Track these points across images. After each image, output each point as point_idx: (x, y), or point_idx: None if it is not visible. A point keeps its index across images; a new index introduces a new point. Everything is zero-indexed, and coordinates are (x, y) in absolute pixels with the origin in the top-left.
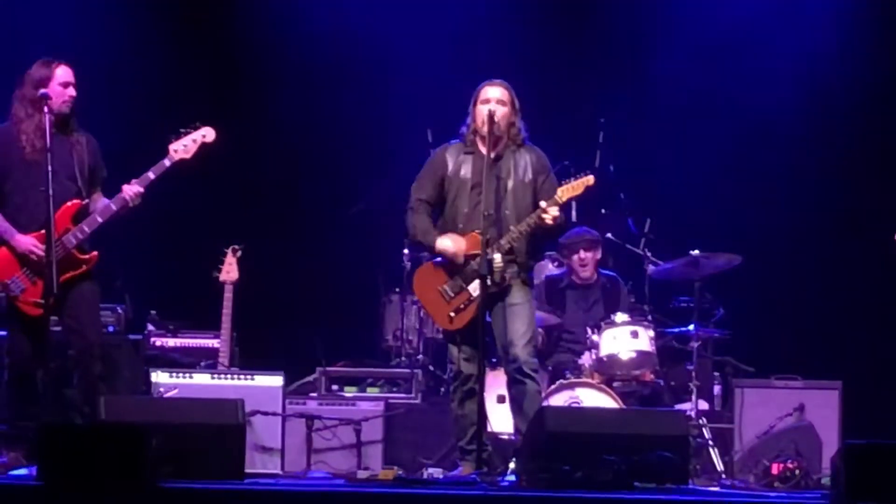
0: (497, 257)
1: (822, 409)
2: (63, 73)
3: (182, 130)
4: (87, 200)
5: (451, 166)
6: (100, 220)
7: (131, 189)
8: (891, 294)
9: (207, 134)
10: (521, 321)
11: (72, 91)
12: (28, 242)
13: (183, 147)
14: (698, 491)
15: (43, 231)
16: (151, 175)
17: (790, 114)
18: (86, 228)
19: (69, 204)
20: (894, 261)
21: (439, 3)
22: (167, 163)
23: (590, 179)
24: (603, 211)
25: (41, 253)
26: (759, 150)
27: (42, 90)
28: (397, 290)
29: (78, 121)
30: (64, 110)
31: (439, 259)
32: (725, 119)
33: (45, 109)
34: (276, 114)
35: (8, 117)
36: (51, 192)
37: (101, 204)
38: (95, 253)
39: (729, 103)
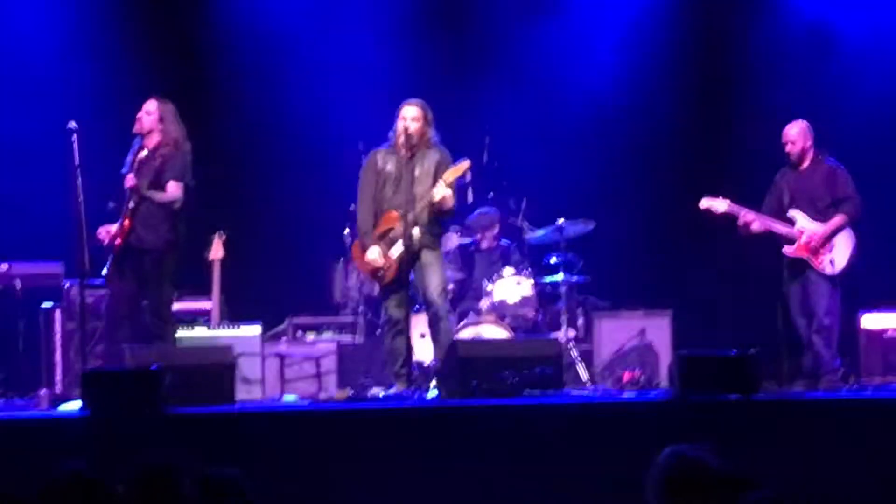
0: (416, 231)
1: (658, 331)
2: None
3: None
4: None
5: (380, 164)
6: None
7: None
8: (710, 243)
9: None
10: (434, 276)
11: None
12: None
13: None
14: (571, 395)
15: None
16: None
17: (620, 97)
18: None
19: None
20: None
21: (362, 39)
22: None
23: (466, 163)
24: (490, 194)
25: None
26: (600, 133)
27: None
28: (341, 258)
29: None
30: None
31: None
32: (575, 107)
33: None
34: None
35: None
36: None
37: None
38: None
39: (578, 96)
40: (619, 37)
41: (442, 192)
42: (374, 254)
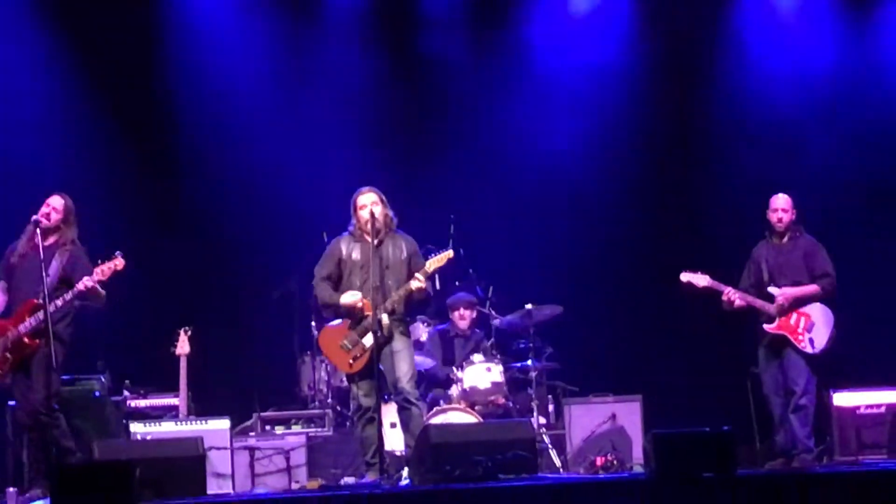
0: (384, 317)
1: (629, 416)
2: (49, 199)
3: (102, 261)
4: (40, 301)
5: (344, 252)
6: (59, 303)
7: (81, 284)
8: (676, 325)
9: (119, 264)
10: (404, 363)
11: (47, 209)
12: None
13: (101, 271)
14: (547, 477)
15: (10, 319)
16: (87, 283)
17: (584, 181)
18: (32, 322)
19: (29, 301)
20: (681, 297)
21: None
22: (89, 283)
23: (450, 253)
24: (457, 283)
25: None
26: (566, 216)
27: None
28: (308, 352)
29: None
30: (41, 221)
31: (337, 322)
32: (539, 191)
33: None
34: (211, 223)
35: None
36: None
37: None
38: (38, 341)
39: (542, 179)
40: (583, 111)
41: (421, 284)
42: (349, 297)
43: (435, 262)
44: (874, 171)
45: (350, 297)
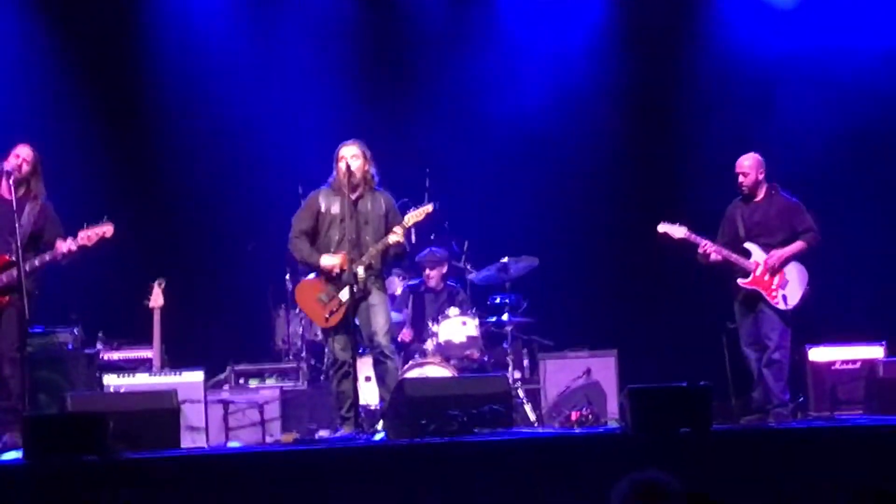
0: (360, 270)
1: (605, 370)
2: (17, 148)
3: (89, 224)
4: (12, 257)
5: (322, 206)
6: (37, 263)
7: (63, 246)
8: (652, 280)
9: (108, 230)
10: (380, 316)
11: (18, 161)
12: None
13: (86, 236)
14: (522, 432)
15: None
16: (72, 246)
17: (560, 129)
18: (3, 278)
19: (1, 257)
20: (657, 251)
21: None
22: (73, 246)
23: (429, 208)
24: (432, 237)
25: None
26: (542, 167)
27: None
28: (282, 305)
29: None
30: (11, 171)
31: (313, 276)
32: (515, 142)
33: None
34: (185, 174)
35: None
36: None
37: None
38: (7, 298)
39: (518, 130)
40: (556, 64)
41: (399, 237)
42: (328, 259)
43: (414, 216)
44: (850, 126)
45: (329, 260)
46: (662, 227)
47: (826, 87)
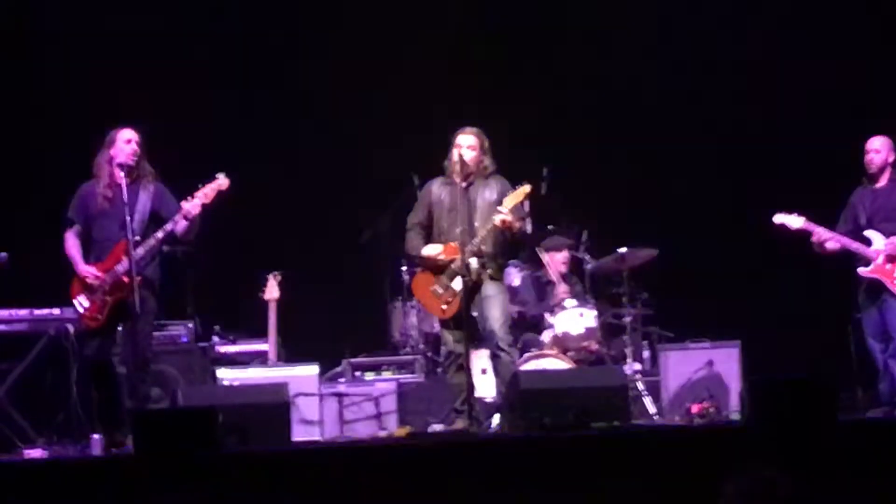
0: (473, 261)
1: (727, 362)
2: (125, 133)
3: (204, 181)
4: (137, 238)
5: (434, 195)
6: (152, 242)
7: (186, 210)
8: (773, 270)
9: (223, 183)
10: (496, 309)
11: (134, 146)
12: (85, 269)
13: (204, 194)
14: (641, 425)
15: (102, 262)
16: (193, 210)
17: (675, 114)
18: (126, 263)
19: (123, 241)
20: (780, 240)
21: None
22: (195, 209)
23: (527, 188)
24: (549, 227)
25: (95, 276)
26: (662, 155)
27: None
28: (399, 297)
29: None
30: (129, 162)
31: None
32: (636, 131)
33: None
34: (301, 160)
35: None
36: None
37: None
38: (140, 278)
39: (639, 118)
40: (679, 52)
41: (502, 216)
42: (431, 248)
43: (512, 197)
44: None
45: (431, 250)
46: (779, 218)
47: None
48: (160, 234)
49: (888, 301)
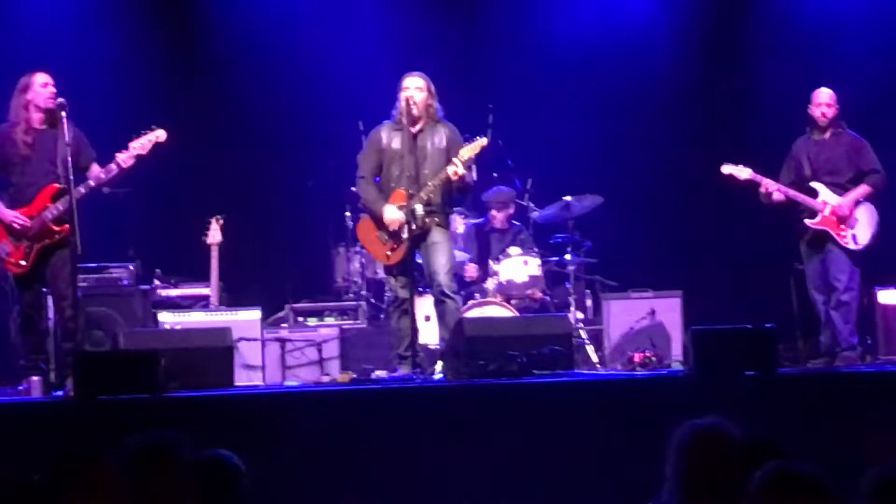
0: (418, 207)
1: (668, 312)
2: (41, 77)
3: (141, 132)
4: (63, 185)
5: (384, 141)
6: (83, 191)
7: (120, 161)
8: (716, 221)
9: (160, 135)
10: (442, 255)
11: (52, 89)
12: (10, 215)
13: (140, 145)
14: (583, 374)
15: (27, 207)
16: (128, 161)
17: (629, 65)
18: (60, 206)
19: (49, 186)
20: (723, 191)
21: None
22: (129, 161)
23: (483, 141)
24: (494, 174)
25: (21, 223)
26: (607, 104)
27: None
28: (343, 243)
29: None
30: (49, 106)
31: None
32: (581, 78)
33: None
34: (244, 109)
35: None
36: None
37: (93, 173)
38: (67, 226)
39: (584, 65)
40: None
41: (458, 169)
42: (392, 213)
43: (469, 149)
44: None
45: (392, 215)
46: (727, 169)
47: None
48: (92, 183)
49: (833, 252)
